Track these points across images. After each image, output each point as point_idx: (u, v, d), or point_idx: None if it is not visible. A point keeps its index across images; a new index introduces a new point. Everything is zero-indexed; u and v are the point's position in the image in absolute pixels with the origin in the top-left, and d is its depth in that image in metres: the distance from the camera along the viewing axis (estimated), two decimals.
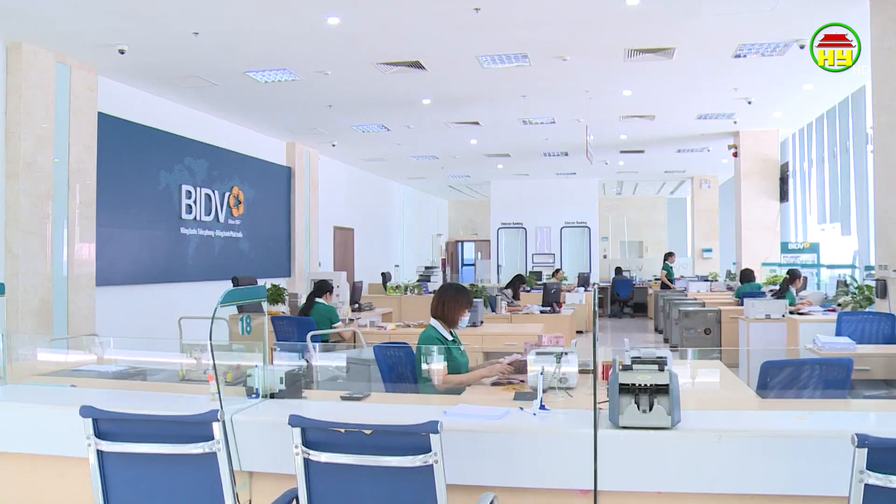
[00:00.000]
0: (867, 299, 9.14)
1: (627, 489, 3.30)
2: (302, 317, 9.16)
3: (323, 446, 2.81)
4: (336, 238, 20.17)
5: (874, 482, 2.42)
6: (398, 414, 3.96)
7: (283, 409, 3.73)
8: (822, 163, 15.70)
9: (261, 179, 15.72)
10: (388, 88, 12.11)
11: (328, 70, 10.97)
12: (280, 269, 16.56)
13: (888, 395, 6.40)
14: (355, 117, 14.64)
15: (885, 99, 7.89)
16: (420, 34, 9.46)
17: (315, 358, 5.61)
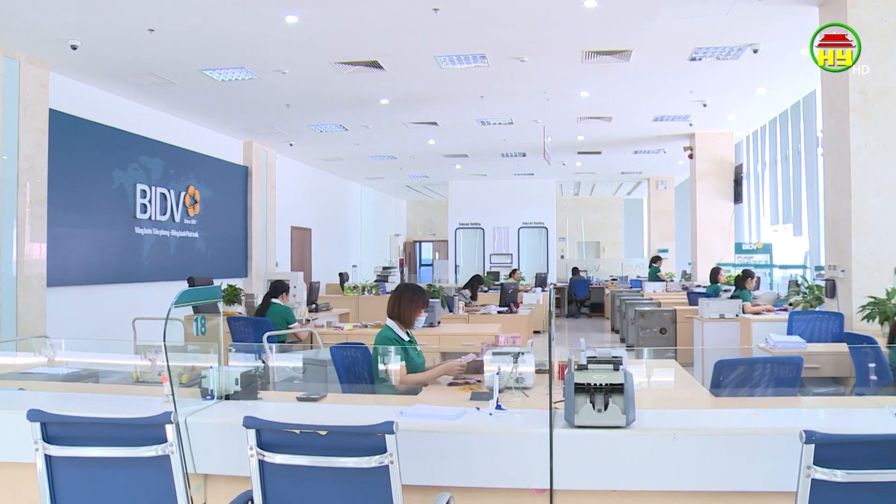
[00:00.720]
0: (817, 299, 9.31)
1: (583, 488, 3.32)
2: (258, 317, 9.09)
3: (278, 448, 2.79)
4: (293, 238, 20.04)
5: (820, 477, 2.47)
6: (354, 415, 3.94)
7: (238, 410, 3.69)
8: (774, 165, 15.96)
9: (217, 179, 15.56)
10: (346, 88, 12.06)
11: (286, 69, 10.90)
12: (237, 270, 16.41)
13: (836, 392, 6.52)
14: (313, 117, 14.56)
15: (834, 103, 8.05)
16: (378, 34, 9.44)
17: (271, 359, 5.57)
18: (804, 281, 10.72)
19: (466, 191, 24.67)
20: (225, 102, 13.01)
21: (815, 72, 8.65)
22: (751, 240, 17.30)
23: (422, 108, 13.78)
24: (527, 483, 3.32)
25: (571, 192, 29.75)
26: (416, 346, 5.31)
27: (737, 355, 9.36)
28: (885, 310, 7.07)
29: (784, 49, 10.14)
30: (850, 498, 2.52)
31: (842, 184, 7.88)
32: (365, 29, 9.24)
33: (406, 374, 4.94)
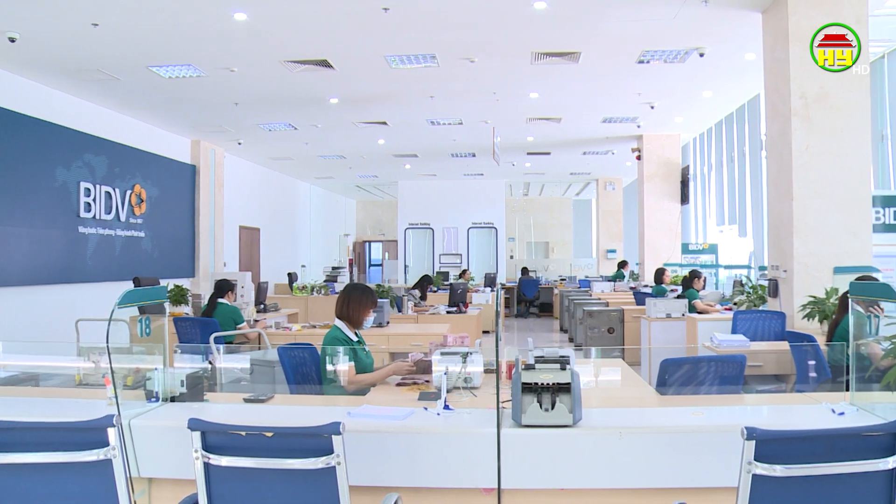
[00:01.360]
0: (761, 298, 9.49)
1: (531, 487, 3.34)
2: (205, 318, 8.98)
3: (224, 450, 2.75)
4: (242, 238, 19.85)
5: (761, 472, 2.52)
6: (301, 416, 3.91)
7: (183, 412, 3.63)
8: (720, 167, 16.24)
9: (164, 177, 15.34)
10: (295, 87, 11.98)
11: (234, 67, 10.78)
12: (184, 270, 16.19)
13: (778, 389, 6.66)
14: (262, 115, 14.44)
15: (777, 107, 8.21)
16: (328, 33, 9.39)
17: (218, 360, 5.51)
18: (748, 281, 10.91)
19: (416, 191, 24.67)
20: (172, 100, 12.83)
21: (758, 76, 8.84)
22: (697, 240, 17.58)
23: (372, 107, 13.75)
24: (475, 483, 3.33)
25: (521, 193, 29.92)
26: (365, 346, 5.30)
27: (683, 354, 9.50)
28: (825, 309, 7.24)
29: (729, 53, 10.33)
30: (788, 492, 2.58)
31: (784, 186, 8.05)
32: (315, 28, 9.19)
33: (354, 374, 4.92)
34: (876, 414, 3.48)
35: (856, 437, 2.63)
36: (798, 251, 7.87)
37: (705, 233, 17.74)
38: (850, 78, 7.84)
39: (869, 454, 2.57)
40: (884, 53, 11.13)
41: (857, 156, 7.89)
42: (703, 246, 16.08)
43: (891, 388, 3.48)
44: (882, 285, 3.99)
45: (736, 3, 8.42)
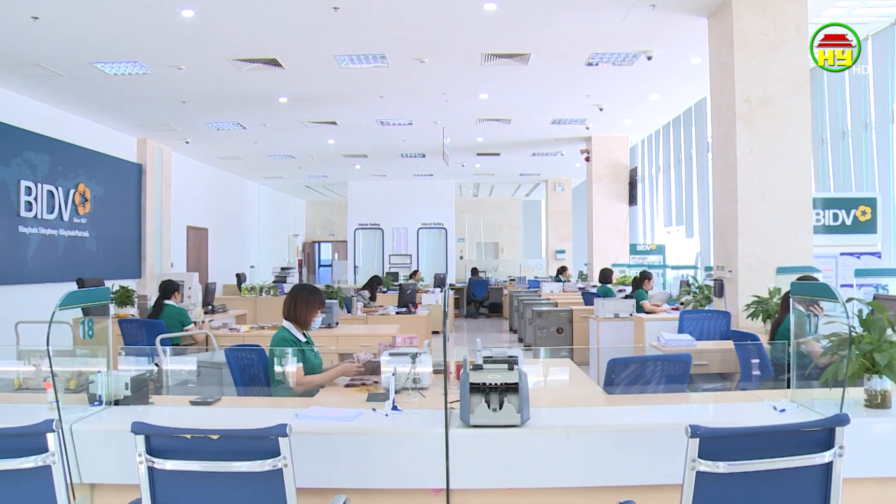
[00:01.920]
0: (706, 298, 9.66)
1: (479, 487, 3.35)
2: (151, 320, 8.84)
3: (168, 453, 2.71)
4: (190, 238, 19.59)
5: (704, 469, 2.57)
6: (249, 418, 3.88)
7: (127, 415, 3.57)
8: (668, 169, 16.47)
9: (110, 176, 15.07)
10: (244, 85, 11.86)
11: (182, 64, 10.64)
12: (130, 270, 15.93)
13: (723, 387, 6.77)
14: (210, 114, 14.27)
15: (722, 110, 8.36)
16: (277, 31, 9.32)
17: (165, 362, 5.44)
18: (695, 281, 11.08)
19: (366, 191, 24.60)
20: (117, 97, 12.60)
21: (704, 80, 8.98)
22: (645, 241, 17.79)
23: (321, 107, 13.67)
24: (423, 483, 3.33)
25: (470, 194, 30.00)
26: (313, 347, 5.27)
27: (630, 354, 9.60)
28: (768, 308, 7.38)
29: (676, 57, 10.48)
30: (731, 487, 2.63)
31: (729, 188, 8.19)
32: (263, 26, 9.11)
33: (303, 375, 4.89)
34: (815, 410, 3.56)
35: (795, 433, 2.69)
36: (742, 252, 8.02)
37: (653, 233, 17.97)
38: (791, 83, 8.03)
39: (807, 449, 2.64)
40: None
41: (799, 159, 8.07)
42: (651, 247, 16.29)
43: (829, 385, 3.57)
44: (821, 285, 4.09)
45: (683, 8, 8.55)
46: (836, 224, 9.07)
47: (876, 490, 3.47)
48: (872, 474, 3.43)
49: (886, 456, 3.47)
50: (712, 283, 8.95)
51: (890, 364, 3.48)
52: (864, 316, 3.64)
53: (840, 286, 8.82)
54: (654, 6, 8.44)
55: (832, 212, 9.10)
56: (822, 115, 11.51)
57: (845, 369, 3.49)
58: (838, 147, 11.17)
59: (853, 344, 3.53)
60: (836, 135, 11.19)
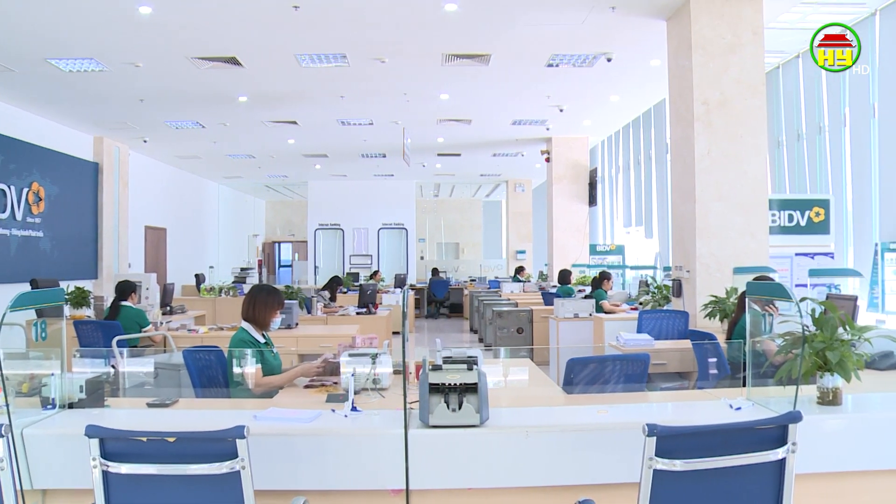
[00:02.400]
0: (665, 298, 9.75)
1: (438, 487, 3.35)
2: (108, 321, 8.72)
3: (123, 457, 2.67)
4: (147, 238, 19.36)
5: (661, 467, 2.60)
6: (207, 420, 3.84)
7: (82, 419, 3.51)
8: (627, 170, 16.62)
9: (65, 175, 14.82)
10: (203, 84, 11.75)
11: (139, 62, 10.50)
12: (86, 271, 15.68)
13: (681, 386, 6.84)
14: (169, 113, 14.11)
15: (680, 112, 8.45)
16: (237, 29, 9.24)
17: (122, 364, 5.37)
18: (653, 281, 11.19)
19: (326, 191, 24.52)
20: (73, 95, 12.41)
21: (663, 82, 9.08)
22: (604, 241, 17.93)
23: (281, 106, 13.59)
24: (383, 484, 3.32)
25: (431, 194, 30.02)
26: (273, 348, 5.23)
27: (590, 353, 9.67)
28: (725, 308, 7.47)
29: (636, 59, 10.58)
30: (688, 485, 2.66)
31: (687, 189, 8.29)
32: (223, 24, 9.03)
33: (261, 377, 4.85)
34: (770, 408, 3.61)
35: (749, 431, 2.73)
36: (700, 252, 8.12)
37: (612, 234, 18.12)
38: (748, 86, 8.15)
39: (761, 446, 2.68)
40: (779, 64, 11.57)
41: (755, 160, 8.19)
42: (611, 247, 16.42)
43: (783, 383, 3.62)
44: (776, 285, 4.15)
45: (642, 11, 8.63)
46: (791, 225, 9.22)
47: (827, 485, 3.53)
48: (824, 469, 3.49)
49: (837, 451, 3.54)
50: (671, 283, 9.04)
51: (841, 362, 3.54)
52: (817, 315, 3.70)
53: (795, 286, 8.97)
54: (614, 8, 8.51)
55: (787, 213, 9.24)
56: (777, 117, 11.69)
57: (799, 367, 3.55)
58: (793, 149, 11.35)
59: (806, 342, 3.58)
60: (792, 137, 11.37)
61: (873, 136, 9.68)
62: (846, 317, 3.72)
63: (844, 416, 3.60)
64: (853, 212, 10.13)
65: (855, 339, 3.70)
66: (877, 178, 9.70)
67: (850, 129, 10.13)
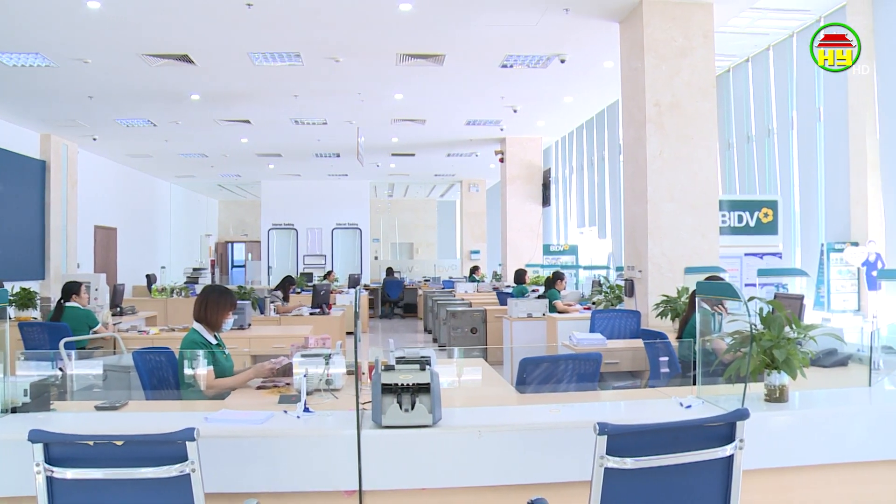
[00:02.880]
0: (618, 298, 9.84)
1: (392, 487, 3.34)
2: (54, 322, 8.53)
3: (69, 462, 2.61)
4: (97, 238, 19.04)
5: (612, 465, 2.62)
6: (157, 422, 3.77)
7: (25, 423, 3.40)
8: (581, 170, 16.75)
9: (10, 173, 14.50)
10: (154, 81, 11.58)
11: (88, 58, 10.32)
12: (32, 271, 15.36)
13: (633, 385, 6.91)
14: (119, 110, 13.89)
15: (633, 114, 8.54)
16: (189, 26, 9.12)
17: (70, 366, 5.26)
18: (606, 281, 11.29)
19: (280, 191, 24.37)
20: (18, 90, 12.13)
21: (616, 83, 9.17)
22: (558, 241, 18.05)
23: (234, 105, 13.46)
24: (336, 485, 3.30)
25: (385, 194, 29.98)
26: (225, 349, 5.17)
27: (543, 353, 9.72)
28: (676, 307, 7.57)
29: (589, 61, 10.66)
30: (638, 482, 2.69)
31: (639, 190, 8.38)
32: (174, 21, 8.90)
33: (213, 378, 4.79)
34: (719, 406, 3.66)
35: (698, 429, 2.76)
36: (652, 252, 8.21)
37: (566, 234, 18.25)
38: (699, 89, 8.26)
39: (710, 443, 2.71)
40: (729, 68, 11.76)
41: (706, 162, 8.31)
42: (564, 247, 16.52)
43: (732, 381, 3.68)
44: (725, 285, 4.21)
45: (595, 13, 8.70)
46: (741, 226, 9.36)
47: (773, 480, 3.60)
48: (770, 465, 3.56)
49: (783, 447, 3.61)
50: (623, 283, 9.13)
51: (787, 360, 3.61)
52: (765, 314, 3.76)
53: (744, 286, 9.11)
54: (568, 10, 8.57)
55: (737, 213, 9.38)
56: (728, 120, 11.88)
57: (747, 366, 3.61)
58: (743, 151, 11.54)
59: (754, 341, 3.64)
60: (742, 139, 11.56)
61: (819, 140, 9.89)
62: (792, 316, 3.79)
63: (790, 412, 3.67)
64: (800, 213, 10.33)
65: (801, 338, 3.77)
66: (823, 180, 9.91)
67: (797, 132, 10.33)
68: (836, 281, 9.37)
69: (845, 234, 9.37)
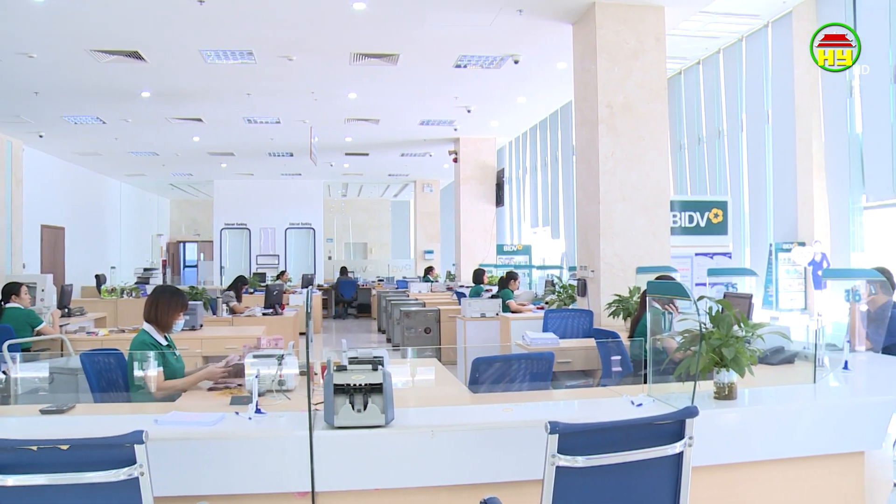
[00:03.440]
0: (571, 297, 9.91)
1: (345, 488, 3.32)
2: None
3: (11, 468, 2.53)
4: (44, 237, 18.67)
5: (564, 464, 2.63)
6: (105, 425, 3.71)
7: None
8: (534, 171, 16.85)
9: None
10: (103, 78, 11.38)
11: (33, 53, 10.09)
12: None
13: (585, 384, 6.96)
14: (66, 107, 13.62)
15: (585, 115, 8.61)
16: (139, 22, 8.98)
17: (13, 369, 5.15)
18: (559, 281, 11.36)
19: (232, 190, 24.15)
20: None
21: (570, 85, 9.23)
22: (512, 241, 18.13)
23: (186, 103, 13.29)
24: (288, 487, 3.28)
25: (339, 194, 29.86)
26: (175, 350, 5.11)
27: (497, 353, 9.74)
28: (628, 306, 7.64)
29: (543, 62, 10.73)
30: (590, 480, 2.71)
31: (591, 190, 8.44)
32: (124, 16, 8.76)
33: (163, 380, 4.73)
34: (669, 404, 3.70)
35: (648, 427, 2.79)
36: (604, 252, 8.28)
37: (520, 234, 18.34)
38: (651, 91, 8.35)
39: (660, 441, 2.74)
40: (680, 70, 11.92)
41: (657, 163, 8.40)
42: (518, 247, 16.60)
43: (682, 379, 3.73)
44: (675, 284, 4.26)
45: (549, 15, 8.75)
46: (692, 226, 9.48)
47: (722, 476, 3.67)
48: (719, 461, 3.61)
49: (732, 444, 3.67)
50: (576, 283, 9.19)
51: (736, 358, 3.66)
52: (714, 313, 3.82)
53: (695, 285, 9.23)
54: (522, 11, 8.61)
55: (688, 214, 9.51)
56: (679, 121, 12.04)
57: (697, 364, 3.66)
58: (694, 152, 11.71)
59: (704, 340, 3.69)
60: (693, 141, 11.73)
61: (768, 142, 10.07)
62: (741, 314, 3.85)
63: (739, 409, 3.73)
64: (749, 213, 10.52)
65: (749, 336, 3.83)
66: (771, 181, 10.10)
67: (746, 134, 10.51)
68: (784, 280, 9.58)
69: (792, 235, 9.57)
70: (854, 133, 8.68)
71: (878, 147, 8.24)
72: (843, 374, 4.59)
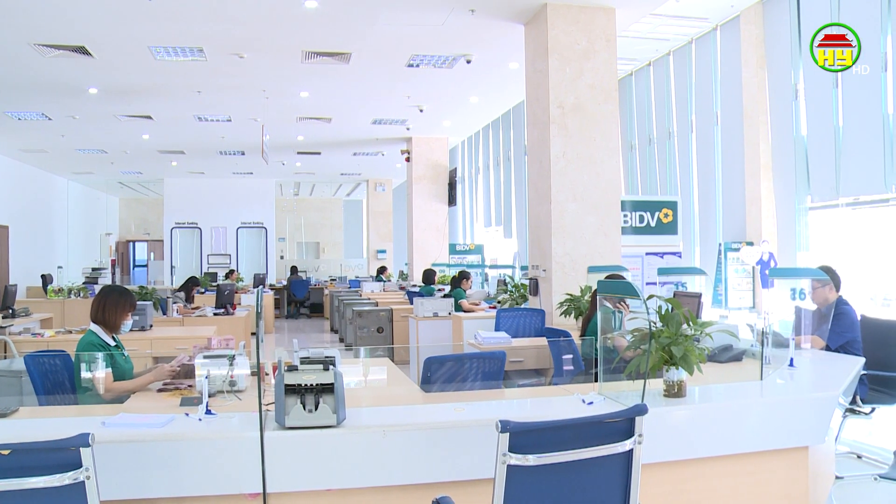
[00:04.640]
0: (523, 297, 9.97)
1: (297, 489, 3.31)
2: None
3: None
4: None
5: (515, 462, 2.65)
6: (50, 429, 3.63)
7: None
8: (487, 170, 16.90)
9: None
10: (49, 73, 11.15)
11: None
12: None
13: (537, 382, 7.01)
14: (10, 103, 13.32)
15: (536, 115, 8.66)
16: (85, 16, 8.80)
17: None
18: (511, 280, 11.42)
19: (183, 189, 23.86)
20: None
21: (521, 85, 9.29)
22: (464, 241, 18.17)
23: (135, 100, 13.09)
24: (239, 488, 3.25)
25: (291, 193, 29.67)
26: (124, 351, 5.04)
27: (449, 352, 9.77)
28: (579, 305, 7.70)
29: (495, 62, 10.76)
30: (541, 479, 2.73)
31: (543, 190, 8.49)
32: (70, 10, 8.57)
33: (112, 381, 4.66)
34: (620, 402, 3.75)
35: (598, 424, 2.83)
36: (556, 251, 8.33)
37: (472, 234, 18.39)
38: (602, 91, 8.43)
39: (610, 439, 2.78)
40: (631, 72, 12.06)
41: (608, 163, 8.48)
42: (470, 246, 16.63)
43: (633, 378, 3.78)
44: (625, 283, 4.31)
45: (501, 15, 8.79)
46: (642, 226, 9.59)
47: (672, 472, 3.72)
48: (669, 458, 3.67)
49: (681, 441, 3.73)
50: (528, 282, 9.24)
51: (685, 356, 3.72)
52: (664, 312, 3.87)
53: (645, 284, 9.35)
54: (474, 11, 8.63)
55: (639, 214, 9.61)
56: (630, 122, 12.17)
57: (646, 362, 3.70)
58: (645, 153, 11.85)
59: (653, 338, 3.74)
60: (643, 141, 11.87)
61: (717, 143, 10.23)
62: (689, 313, 3.91)
63: (688, 407, 3.79)
64: (699, 213, 10.67)
65: (697, 335, 3.89)
66: (720, 181, 10.26)
67: (696, 135, 10.66)
68: (733, 279, 9.72)
69: (741, 235, 9.72)
70: (799, 135, 8.84)
71: (822, 149, 8.40)
72: (789, 370, 4.68)
